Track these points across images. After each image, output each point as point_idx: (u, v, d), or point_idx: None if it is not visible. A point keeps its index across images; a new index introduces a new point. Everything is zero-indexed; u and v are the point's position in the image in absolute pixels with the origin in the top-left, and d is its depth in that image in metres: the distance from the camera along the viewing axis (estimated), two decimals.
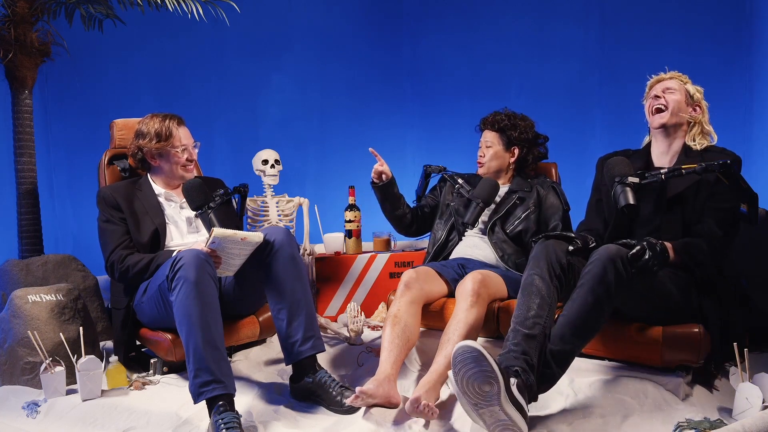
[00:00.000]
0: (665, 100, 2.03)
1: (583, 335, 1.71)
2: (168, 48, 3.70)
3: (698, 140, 2.03)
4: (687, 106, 2.04)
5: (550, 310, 1.74)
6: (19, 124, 2.86)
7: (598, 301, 1.68)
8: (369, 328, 2.66)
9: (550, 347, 1.69)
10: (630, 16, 3.68)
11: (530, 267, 1.81)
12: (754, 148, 3.22)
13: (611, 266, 1.68)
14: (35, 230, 2.89)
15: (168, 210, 2.28)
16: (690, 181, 1.92)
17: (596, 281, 1.68)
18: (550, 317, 1.74)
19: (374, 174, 2.52)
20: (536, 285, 1.76)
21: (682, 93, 2.04)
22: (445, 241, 2.51)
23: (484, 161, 2.53)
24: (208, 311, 1.80)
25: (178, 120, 2.30)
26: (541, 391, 1.69)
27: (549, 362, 1.68)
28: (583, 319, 1.69)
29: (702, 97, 2.08)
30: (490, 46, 3.97)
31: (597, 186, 2.19)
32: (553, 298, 1.76)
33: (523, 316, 1.72)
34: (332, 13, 4.07)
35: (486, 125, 2.56)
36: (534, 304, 1.73)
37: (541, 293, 1.74)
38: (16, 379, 2.16)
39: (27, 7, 2.81)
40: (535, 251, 1.84)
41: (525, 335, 1.69)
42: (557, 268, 1.79)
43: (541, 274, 1.78)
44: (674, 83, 2.06)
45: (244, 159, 3.06)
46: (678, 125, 2.03)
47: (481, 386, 1.55)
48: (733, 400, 1.74)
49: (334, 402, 1.89)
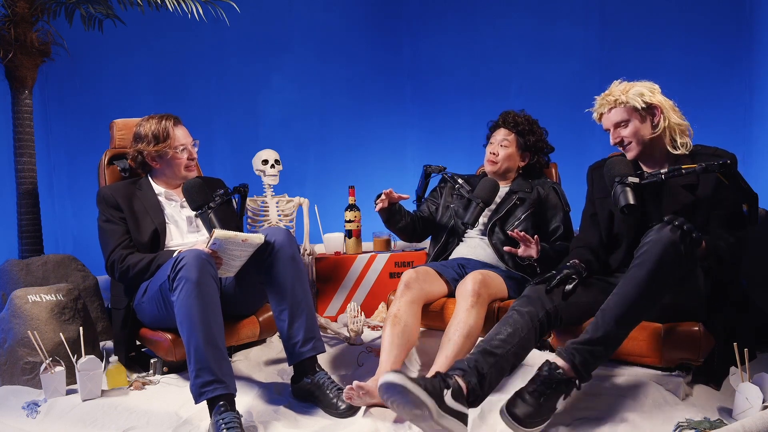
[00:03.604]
0: (622, 136, 1.91)
1: (638, 318, 1.68)
2: (168, 48, 3.70)
3: (679, 141, 1.90)
4: (646, 123, 1.89)
5: (519, 344, 1.73)
6: (19, 124, 2.86)
7: (657, 285, 1.65)
8: (369, 328, 2.66)
9: (606, 329, 1.64)
10: (630, 16, 3.68)
11: (517, 303, 1.83)
12: (754, 148, 3.22)
13: (672, 248, 1.63)
14: (35, 230, 2.89)
15: (168, 209, 2.28)
16: (688, 186, 1.89)
17: (656, 265, 1.64)
18: (520, 349, 1.73)
19: (384, 201, 2.37)
20: (514, 319, 1.77)
21: (632, 117, 1.88)
22: (445, 243, 2.51)
23: (498, 160, 2.47)
24: (209, 311, 1.80)
25: (174, 120, 2.28)
26: (587, 375, 1.66)
27: (601, 341, 1.65)
28: (639, 304, 1.66)
29: (655, 95, 1.88)
30: (490, 46, 3.97)
31: (590, 198, 2.15)
32: (528, 338, 1.75)
33: (490, 337, 1.74)
34: (332, 13, 4.08)
35: (507, 124, 2.49)
36: (505, 332, 1.74)
37: (516, 327, 1.75)
38: (16, 379, 2.16)
39: (27, 7, 2.81)
40: (527, 292, 1.86)
41: (484, 350, 1.70)
42: (542, 314, 1.79)
43: (523, 313, 1.78)
44: (620, 113, 1.89)
45: (244, 159, 3.06)
46: (651, 145, 1.92)
47: (412, 410, 1.57)
48: (733, 400, 1.74)
49: (331, 404, 1.89)
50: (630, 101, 1.87)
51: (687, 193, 1.89)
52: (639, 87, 1.90)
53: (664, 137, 1.91)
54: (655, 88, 1.92)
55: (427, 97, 4.16)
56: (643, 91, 1.88)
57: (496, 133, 2.51)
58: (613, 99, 1.90)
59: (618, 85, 1.94)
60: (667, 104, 1.90)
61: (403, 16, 4.15)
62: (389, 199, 2.37)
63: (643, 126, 1.90)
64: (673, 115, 1.90)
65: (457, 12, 4.04)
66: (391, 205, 2.42)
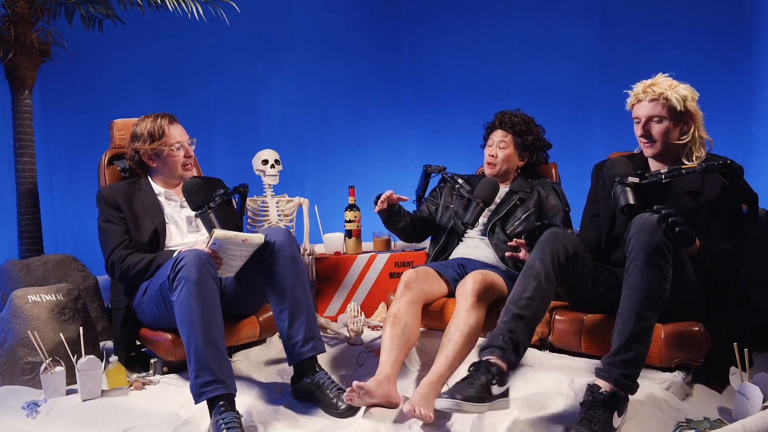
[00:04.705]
0: (652, 131, 1.89)
1: (657, 306, 1.67)
2: (168, 48, 3.70)
3: (695, 154, 1.90)
4: (676, 128, 1.88)
5: (545, 295, 1.76)
6: (19, 124, 2.86)
7: (659, 268, 1.65)
8: (369, 328, 2.66)
9: (631, 329, 1.63)
10: (630, 16, 3.68)
11: (535, 251, 1.83)
12: (754, 148, 3.22)
13: (658, 231, 1.65)
14: (35, 230, 2.89)
15: (168, 209, 2.28)
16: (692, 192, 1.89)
17: (649, 250, 1.65)
18: (544, 302, 1.76)
19: (384, 202, 2.38)
20: (536, 269, 1.78)
21: (669, 116, 1.86)
22: (445, 243, 2.51)
23: (496, 162, 2.47)
24: (209, 311, 1.80)
25: (169, 118, 2.28)
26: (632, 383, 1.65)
27: (630, 345, 1.63)
28: (651, 291, 1.65)
29: (694, 102, 1.87)
30: (490, 46, 3.97)
31: (593, 198, 2.15)
32: (551, 285, 1.78)
33: (517, 297, 1.76)
34: (332, 13, 4.08)
35: (503, 125, 2.48)
36: (530, 287, 1.75)
37: (540, 278, 1.76)
38: (16, 379, 2.16)
39: (27, 7, 2.81)
40: (544, 237, 1.85)
41: (515, 315, 1.72)
42: (562, 256, 1.80)
43: (544, 259, 1.79)
44: (658, 108, 1.86)
45: (244, 159, 3.06)
46: (670, 150, 1.92)
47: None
48: (733, 400, 1.74)
49: (330, 404, 1.89)
50: (672, 100, 1.85)
51: (690, 199, 1.90)
52: (684, 89, 1.87)
53: (685, 147, 1.92)
54: (696, 95, 1.90)
55: (427, 97, 4.16)
56: (687, 95, 1.86)
57: (493, 134, 2.51)
58: (658, 92, 1.86)
59: (664, 79, 1.90)
60: (699, 115, 1.89)
61: (403, 16, 4.15)
62: (389, 201, 2.38)
63: (674, 130, 1.89)
64: (702, 128, 1.90)
65: (457, 12, 4.04)
66: (391, 206, 2.42)
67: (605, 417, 1.60)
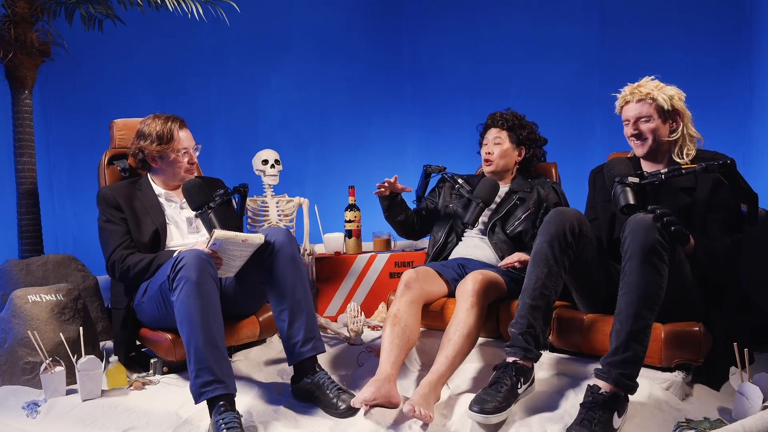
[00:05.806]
0: (641, 130, 1.94)
1: (654, 305, 1.67)
2: (168, 48, 3.70)
3: (686, 151, 1.95)
4: (665, 126, 1.93)
5: (557, 279, 1.82)
6: (19, 124, 2.86)
7: (654, 267, 1.66)
8: (369, 328, 2.66)
9: (628, 329, 1.64)
10: (630, 16, 3.68)
11: (542, 234, 1.85)
12: (754, 148, 3.22)
13: (653, 231, 1.66)
14: (35, 230, 2.89)
15: (168, 210, 2.28)
16: (686, 188, 1.90)
17: (645, 249, 1.65)
18: (557, 284, 1.83)
19: (387, 189, 2.42)
20: (544, 254, 1.82)
21: (657, 115, 1.92)
22: (444, 243, 2.51)
23: (492, 158, 2.49)
24: (209, 311, 1.80)
25: (180, 122, 2.27)
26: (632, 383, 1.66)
27: (629, 344, 1.63)
28: (648, 290, 1.65)
29: (681, 102, 1.93)
30: (490, 46, 3.98)
31: (591, 204, 2.17)
32: (562, 266, 1.82)
33: (531, 287, 1.82)
34: (332, 13, 4.08)
35: (495, 123, 2.52)
36: (542, 274, 1.81)
37: (549, 263, 1.81)
38: (16, 379, 2.16)
39: (27, 7, 2.82)
40: (549, 216, 1.87)
41: (531, 306, 1.81)
42: (569, 236, 1.82)
43: (551, 242, 1.82)
44: (645, 107, 1.92)
45: (244, 159, 3.06)
46: (661, 147, 1.96)
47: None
48: (733, 400, 1.74)
49: (330, 404, 1.89)
50: (659, 99, 1.91)
51: (685, 196, 1.91)
52: (670, 90, 1.94)
53: (675, 144, 1.96)
54: (683, 95, 1.96)
55: (427, 97, 4.16)
56: (674, 95, 1.92)
57: (487, 133, 2.55)
58: (645, 92, 1.93)
59: (651, 81, 1.96)
60: (687, 114, 1.95)
61: (403, 15, 4.16)
62: (391, 188, 2.39)
63: (663, 127, 1.94)
64: (690, 126, 1.96)
65: (457, 12, 4.05)
66: (393, 195, 2.42)
67: (605, 418, 1.61)
